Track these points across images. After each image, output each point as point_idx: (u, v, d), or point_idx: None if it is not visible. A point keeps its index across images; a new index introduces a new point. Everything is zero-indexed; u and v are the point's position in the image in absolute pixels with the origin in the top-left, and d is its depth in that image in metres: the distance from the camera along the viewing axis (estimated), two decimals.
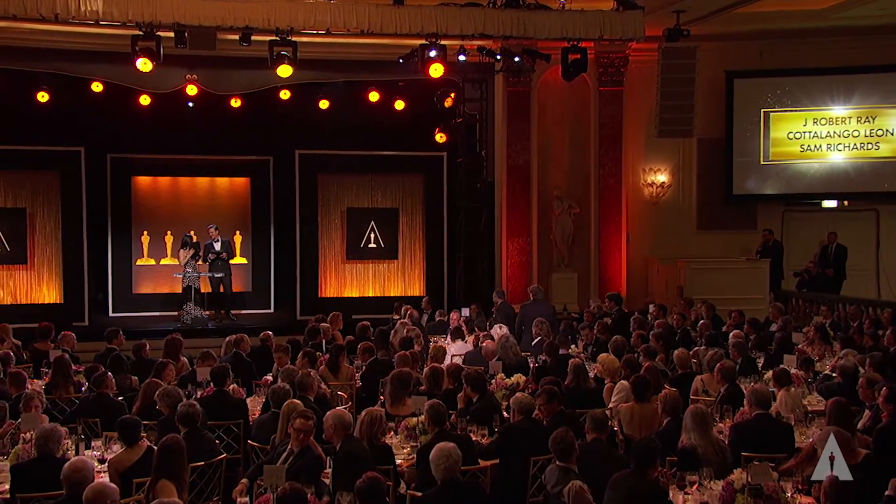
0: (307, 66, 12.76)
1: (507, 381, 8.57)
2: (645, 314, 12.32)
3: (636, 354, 9.21)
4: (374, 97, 15.19)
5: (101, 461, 6.45)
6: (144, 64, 11.13)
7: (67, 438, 6.50)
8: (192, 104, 14.53)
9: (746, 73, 15.65)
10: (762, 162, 15.79)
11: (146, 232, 15.73)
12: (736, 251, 15.45)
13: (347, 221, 16.28)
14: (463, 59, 13.46)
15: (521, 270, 15.34)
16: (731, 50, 15.49)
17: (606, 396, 8.24)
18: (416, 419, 7.07)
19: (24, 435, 6.52)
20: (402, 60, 13.06)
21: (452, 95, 15.06)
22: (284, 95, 14.67)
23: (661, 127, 15.20)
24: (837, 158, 15.67)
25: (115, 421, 6.61)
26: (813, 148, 15.67)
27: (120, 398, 8.02)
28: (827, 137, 15.60)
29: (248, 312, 15.60)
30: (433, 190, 16.37)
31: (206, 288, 14.87)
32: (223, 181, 16.33)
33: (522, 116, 15.32)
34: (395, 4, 11.47)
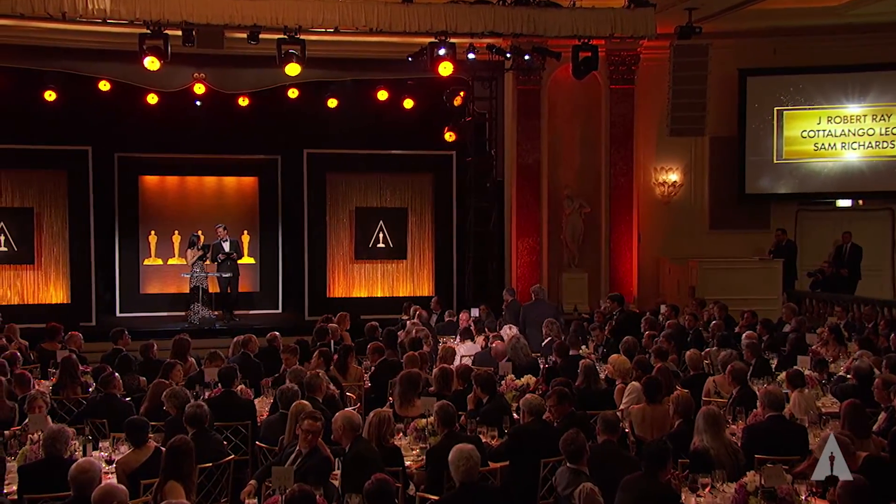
0: (315, 64, 12.73)
1: (517, 382, 8.52)
2: (656, 315, 12.21)
3: (647, 355, 9.12)
4: (382, 96, 15.09)
5: (108, 462, 6.43)
6: (152, 63, 11.14)
7: (75, 439, 6.46)
8: (199, 103, 14.50)
9: (759, 70, 15.49)
10: (775, 161, 15.65)
11: (154, 231, 15.72)
12: (749, 251, 15.29)
13: (356, 221, 16.22)
14: (472, 57, 13.33)
15: (530, 270, 15.22)
16: (743, 47, 15.37)
17: (617, 398, 8.17)
18: (425, 420, 7.03)
19: (31, 436, 6.50)
20: (410, 59, 13.03)
21: (462, 94, 15.00)
22: (293, 94, 14.59)
23: (672, 125, 15.12)
24: (852, 157, 15.52)
25: (122, 422, 6.57)
26: (827, 146, 15.52)
27: (127, 399, 7.99)
28: (841, 136, 15.45)
29: (255, 313, 15.58)
30: (442, 189, 16.29)
31: (213, 288, 14.82)
32: (231, 180, 16.31)
33: (532, 115, 15.20)
34: (403, 2, 11.44)
